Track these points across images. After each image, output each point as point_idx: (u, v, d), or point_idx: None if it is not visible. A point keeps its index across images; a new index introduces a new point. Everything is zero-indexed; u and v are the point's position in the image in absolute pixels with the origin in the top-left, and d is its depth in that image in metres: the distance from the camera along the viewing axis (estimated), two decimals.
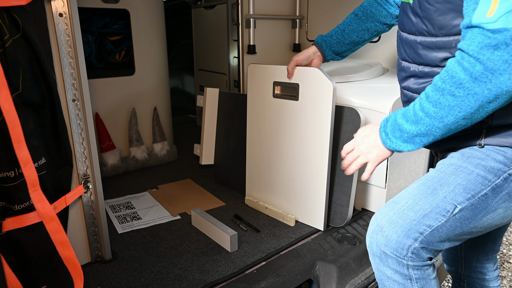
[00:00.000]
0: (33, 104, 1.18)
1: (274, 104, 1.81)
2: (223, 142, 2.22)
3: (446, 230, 0.96)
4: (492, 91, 0.79)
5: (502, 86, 0.78)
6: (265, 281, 1.38)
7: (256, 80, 1.87)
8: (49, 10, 1.22)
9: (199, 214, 1.74)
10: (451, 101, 0.84)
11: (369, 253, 1.06)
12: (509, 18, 0.75)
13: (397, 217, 0.99)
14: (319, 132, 1.65)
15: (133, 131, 2.50)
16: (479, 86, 0.80)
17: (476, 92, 0.81)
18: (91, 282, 1.39)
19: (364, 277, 1.48)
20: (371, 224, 1.04)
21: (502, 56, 0.76)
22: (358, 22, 1.44)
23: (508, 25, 0.75)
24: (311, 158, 1.70)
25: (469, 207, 0.95)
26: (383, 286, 1.07)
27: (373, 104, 1.75)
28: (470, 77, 0.80)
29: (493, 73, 0.78)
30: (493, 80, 0.78)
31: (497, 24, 0.76)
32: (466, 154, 1.00)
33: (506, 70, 0.77)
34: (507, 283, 2.27)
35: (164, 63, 2.68)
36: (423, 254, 0.98)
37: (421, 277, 1.01)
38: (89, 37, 2.70)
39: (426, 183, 1.01)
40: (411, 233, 0.96)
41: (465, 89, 0.82)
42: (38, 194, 1.16)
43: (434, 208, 0.96)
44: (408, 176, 1.93)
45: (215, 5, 2.98)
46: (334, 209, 1.75)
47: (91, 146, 1.38)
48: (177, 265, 1.49)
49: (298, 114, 1.71)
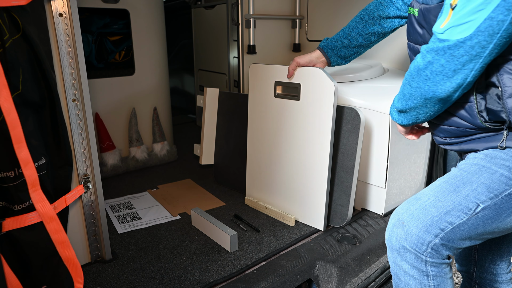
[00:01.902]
0: (33, 104, 1.18)
1: (275, 104, 1.81)
2: (223, 142, 2.22)
3: (468, 228, 0.96)
4: (431, 87, 0.96)
5: (438, 85, 0.95)
6: (265, 281, 1.38)
7: (257, 80, 1.87)
8: (49, 10, 1.22)
9: (199, 214, 1.74)
10: (408, 89, 1.03)
11: (387, 247, 1.07)
12: (452, 31, 0.90)
13: (418, 212, 0.99)
14: (320, 132, 1.65)
15: (133, 131, 2.50)
16: (423, 82, 0.98)
17: (420, 86, 0.98)
18: (91, 282, 1.39)
19: (364, 277, 1.48)
20: (391, 219, 1.05)
21: (439, 60, 0.93)
22: (363, 25, 1.43)
23: (450, 37, 0.90)
24: (311, 158, 1.70)
25: (492, 207, 0.95)
26: (399, 280, 1.07)
27: (373, 104, 1.75)
28: (417, 73, 0.98)
29: (431, 73, 0.95)
30: (431, 78, 0.95)
31: (443, 35, 0.92)
32: (490, 155, 1.01)
33: (441, 72, 0.93)
34: None
35: (164, 63, 2.68)
36: (442, 251, 0.99)
37: (438, 275, 1.01)
38: (89, 37, 2.70)
39: (449, 181, 1.02)
40: (432, 229, 0.97)
41: (415, 82, 1.00)
42: (38, 194, 1.16)
43: (456, 205, 0.97)
44: (408, 176, 1.93)
45: (215, 5, 2.98)
46: (334, 209, 1.75)
47: (91, 146, 1.38)
48: (177, 265, 1.49)
49: (299, 114, 1.71)
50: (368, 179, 1.84)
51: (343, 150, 1.70)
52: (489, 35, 0.86)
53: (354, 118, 1.66)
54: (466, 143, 1.07)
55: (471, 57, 0.90)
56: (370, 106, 1.76)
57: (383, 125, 1.73)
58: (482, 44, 0.88)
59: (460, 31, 0.88)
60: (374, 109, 1.74)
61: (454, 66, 0.91)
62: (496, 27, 0.85)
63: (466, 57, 0.90)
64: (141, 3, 2.45)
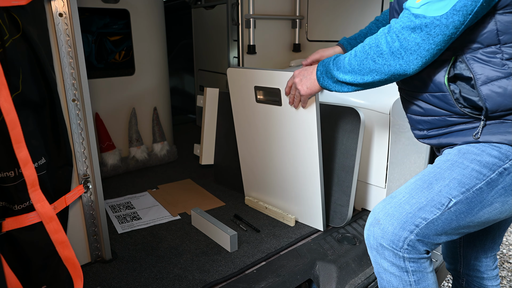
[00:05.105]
0: (33, 104, 1.18)
1: (258, 109, 1.73)
2: (223, 142, 2.22)
3: (442, 223, 0.98)
4: (402, 66, 0.96)
5: (410, 64, 0.95)
6: (265, 281, 1.38)
7: (237, 85, 1.79)
8: (49, 10, 1.22)
9: (199, 214, 1.74)
10: (372, 65, 1.01)
11: (367, 246, 1.08)
12: (429, 7, 0.89)
13: (393, 210, 1.01)
14: (306, 137, 1.57)
15: (133, 131, 2.50)
16: (394, 60, 0.97)
17: (390, 64, 0.98)
18: (91, 282, 1.39)
19: (364, 277, 1.48)
20: (369, 218, 1.07)
21: (415, 39, 0.92)
22: (379, 26, 1.46)
23: (427, 13, 0.89)
24: (302, 161, 1.65)
25: (464, 201, 0.96)
26: (381, 279, 1.08)
27: (373, 104, 1.75)
28: (389, 51, 0.97)
29: (406, 51, 0.94)
30: (405, 57, 0.95)
31: (419, 10, 0.90)
32: (462, 150, 1.02)
33: (416, 51, 0.93)
34: (507, 283, 2.27)
35: (164, 63, 2.68)
36: (419, 247, 1.00)
37: (418, 270, 1.02)
38: (89, 37, 2.70)
39: (423, 178, 1.03)
40: (406, 226, 0.98)
41: (383, 59, 0.98)
42: (37, 194, 1.16)
43: (429, 201, 0.98)
44: (408, 176, 1.93)
45: (215, 5, 2.98)
46: (334, 209, 1.75)
47: (91, 146, 1.38)
48: (177, 265, 1.49)
49: (283, 119, 1.62)
50: (368, 179, 1.84)
51: (343, 150, 1.70)
52: (463, 15, 0.87)
53: (354, 118, 1.66)
54: (445, 137, 1.08)
55: (444, 37, 0.91)
56: (370, 106, 1.76)
57: (383, 125, 1.73)
58: (456, 25, 0.89)
59: (436, 8, 0.88)
60: (374, 109, 1.74)
61: (428, 45, 0.92)
62: (470, 7, 0.86)
63: (440, 37, 0.90)
64: (141, 3, 2.45)
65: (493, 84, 0.94)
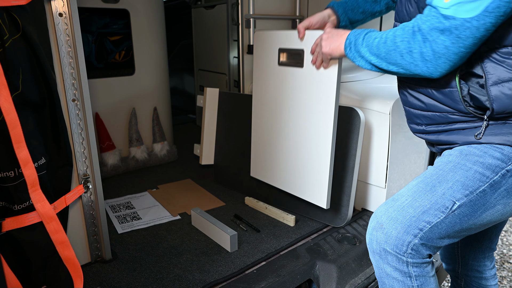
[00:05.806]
0: (33, 104, 1.18)
1: (279, 72, 1.73)
2: (223, 142, 2.22)
3: (446, 227, 0.97)
4: (429, 69, 0.93)
5: (438, 67, 0.92)
6: (265, 281, 1.38)
7: (262, 48, 1.80)
8: (49, 10, 1.22)
9: (199, 214, 1.74)
10: (399, 60, 0.98)
11: (369, 251, 1.07)
12: (459, 8, 0.84)
13: (396, 214, 0.99)
14: (324, 101, 1.56)
15: (133, 131, 2.50)
16: (422, 61, 0.94)
17: (417, 64, 0.95)
18: (91, 282, 1.39)
19: (364, 277, 1.48)
20: (371, 222, 1.05)
21: (444, 42, 0.88)
22: None
23: (457, 14, 0.85)
24: (315, 130, 1.63)
25: (468, 204, 0.95)
26: (383, 284, 1.07)
27: (373, 104, 1.75)
28: (418, 51, 0.93)
29: (434, 54, 0.91)
30: (433, 60, 0.92)
31: (449, 11, 0.86)
32: (464, 152, 1.01)
33: (444, 55, 0.89)
34: (507, 283, 2.27)
35: (164, 63, 2.68)
36: (422, 251, 0.99)
37: (421, 275, 1.01)
38: (89, 37, 2.70)
39: (425, 180, 1.02)
40: (410, 230, 0.97)
41: (411, 58, 0.95)
42: (38, 194, 1.16)
43: (433, 204, 0.97)
44: (408, 176, 1.93)
45: (215, 5, 2.98)
46: (334, 209, 1.75)
47: (91, 146, 1.38)
48: (177, 265, 1.49)
49: (303, 82, 1.62)
50: (368, 179, 1.84)
51: (343, 150, 1.70)
52: (495, 17, 0.83)
53: (354, 118, 1.66)
54: (445, 134, 1.06)
55: (475, 40, 0.87)
56: (370, 106, 1.76)
57: (383, 125, 1.73)
58: (487, 27, 0.85)
59: (467, 10, 0.84)
60: (374, 109, 1.74)
61: (457, 49, 0.88)
62: (503, 8, 0.82)
63: (470, 40, 0.86)
64: (141, 3, 2.45)
65: (504, 86, 0.92)
